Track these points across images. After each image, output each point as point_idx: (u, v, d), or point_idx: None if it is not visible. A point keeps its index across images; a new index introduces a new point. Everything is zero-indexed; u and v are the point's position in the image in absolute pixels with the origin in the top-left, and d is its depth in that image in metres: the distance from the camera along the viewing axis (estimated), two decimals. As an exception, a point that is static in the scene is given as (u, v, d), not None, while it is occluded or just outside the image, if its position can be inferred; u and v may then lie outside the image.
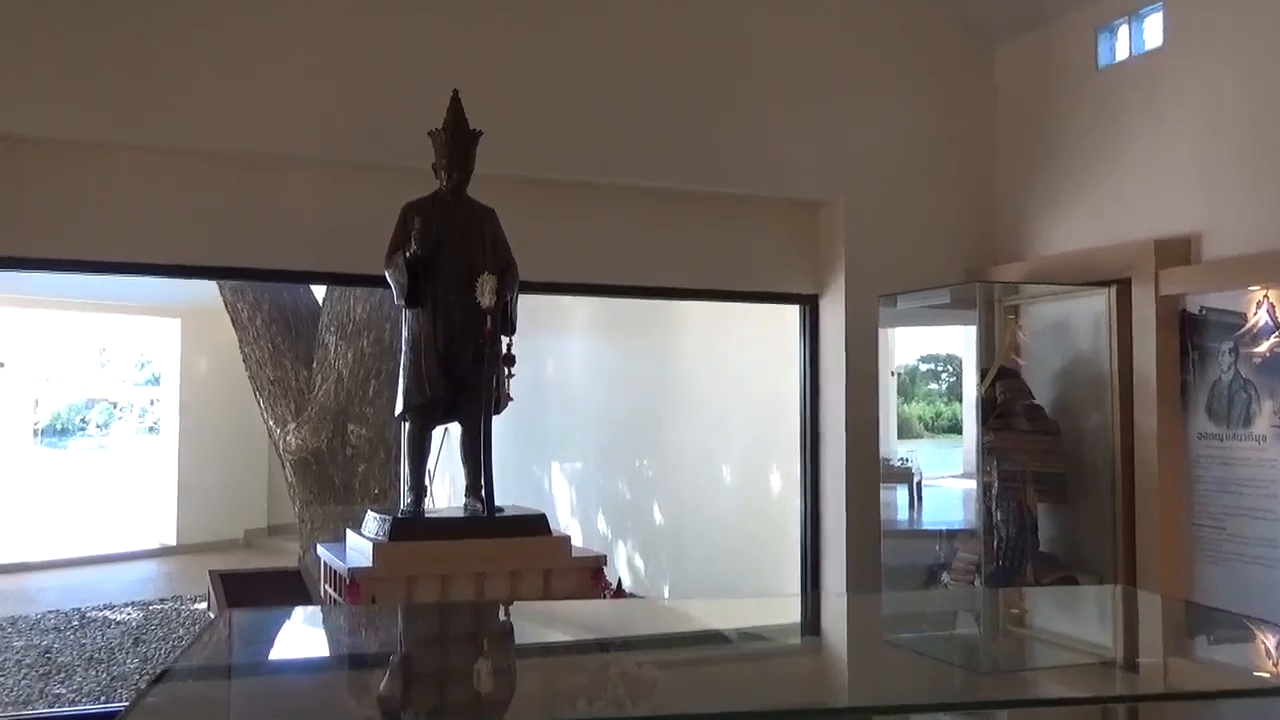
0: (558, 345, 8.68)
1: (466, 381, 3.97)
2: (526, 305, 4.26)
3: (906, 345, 5.63)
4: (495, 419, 4.04)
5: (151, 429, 14.20)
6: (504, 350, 4.00)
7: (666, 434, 7.60)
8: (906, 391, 5.74)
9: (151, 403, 14.34)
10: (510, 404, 4.12)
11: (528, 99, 4.60)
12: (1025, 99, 5.22)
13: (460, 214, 4.02)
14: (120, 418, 15.12)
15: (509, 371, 4.03)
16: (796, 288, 5.30)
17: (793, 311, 5.41)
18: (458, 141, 4.01)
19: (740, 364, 6.63)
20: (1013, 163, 5.28)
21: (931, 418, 5.74)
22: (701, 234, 5.10)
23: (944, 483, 5.42)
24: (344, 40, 4.40)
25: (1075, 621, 2.91)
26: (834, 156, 5.13)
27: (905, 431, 5.68)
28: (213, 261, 4.43)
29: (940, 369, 5.91)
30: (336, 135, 4.33)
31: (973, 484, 4.56)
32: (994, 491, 4.50)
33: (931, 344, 5.85)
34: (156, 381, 13.82)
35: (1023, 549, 4.49)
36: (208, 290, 8.39)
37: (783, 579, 5.72)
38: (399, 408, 4.09)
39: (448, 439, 5.66)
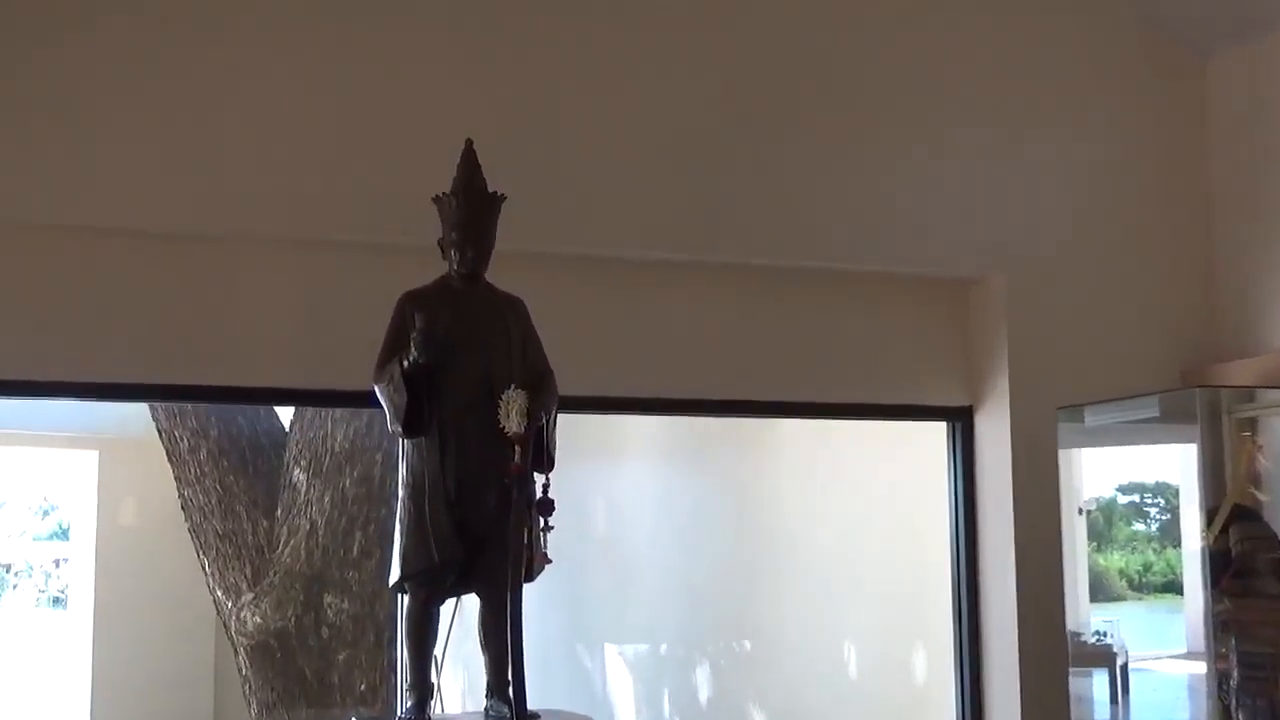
0: (609, 481, 8.67)
1: (487, 538, 3.94)
2: (566, 427, 4.27)
3: (1099, 473, 5.56)
4: (527, 588, 4.01)
5: (57, 600, 14.27)
6: (538, 494, 3.98)
7: (763, 603, 7.54)
8: (1101, 536, 5.65)
9: (57, 564, 14.43)
10: (547, 567, 4.10)
11: (564, 150, 4.69)
12: (1248, 134, 5.23)
13: (477, 307, 4.05)
14: (14, 585, 15.24)
15: (545, 523, 4.00)
16: (940, 398, 5.30)
17: (937, 431, 5.40)
18: (472, 208, 4.03)
19: (863, 503, 6.59)
20: (1237, 220, 5.28)
21: (1138, 572, 5.64)
22: (805, 327, 5.13)
23: (1159, 665, 5.34)
24: (321, 85, 4.53)
25: None
26: (988, 217, 5.15)
27: (1101, 592, 5.59)
28: (144, 378, 4.51)
29: (1147, 504, 5.82)
30: (311, 205, 4.42)
31: (1201, 668, 4.49)
32: (1232, 682, 4.40)
33: (1134, 470, 5.77)
34: (64, 535, 13.92)
35: (1276, 765, 4.38)
36: (134, 414, 8.51)
37: (933, 809, 5.62)
38: (395, 574, 4.06)
39: (461, 616, 5.65)
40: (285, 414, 8.42)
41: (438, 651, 4.33)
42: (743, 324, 5.05)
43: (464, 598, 4.25)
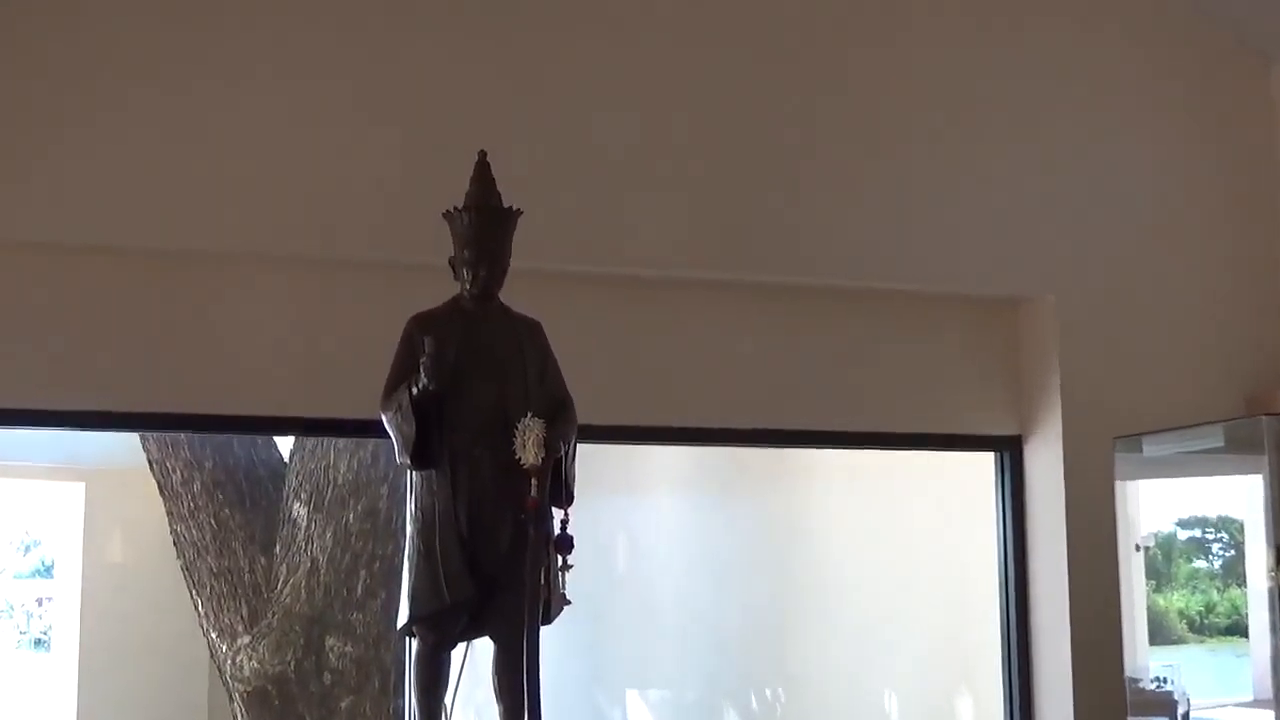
0: (632, 517, 8.66)
1: (501, 578, 3.97)
2: (586, 458, 4.27)
3: (1158, 507, 5.54)
4: (544, 631, 4.01)
5: (39, 642, 14.29)
6: (556, 530, 3.99)
7: (797, 649, 7.53)
8: (1160, 574, 5.62)
9: (40, 603, 14.45)
10: (566, 608, 4.10)
11: (583, 162, 4.72)
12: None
13: (491, 329, 4.07)
14: (-6, 626, 15.30)
15: (564, 561, 4.01)
16: (987, 427, 5.31)
17: (984, 461, 5.40)
18: (485, 224, 4.05)
19: (904, 540, 6.58)
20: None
21: (1199, 613, 5.61)
22: (841, 351, 5.15)
23: (1224, 714, 5.27)
24: (323, 90, 4.56)
25: None
26: (1037, 232, 5.16)
27: (1160, 634, 5.55)
28: (133, 406, 4.53)
29: (1210, 539, 5.79)
30: (313, 220, 4.46)
31: (1269, 717, 4.47)
32: (1306, 734, 4.39)
33: (1196, 503, 5.74)
34: (48, 572, 13.94)
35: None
36: (123, 444, 8.52)
37: None
38: (403, 617, 4.08)
39: (473, 661, 5.64)
40: (285, 444, 8.43)
41: (448, 699, 4.31)
42: (775, 348, 5.06)
43: (476, 642, 4.22)
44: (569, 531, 4.00)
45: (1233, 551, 5.43)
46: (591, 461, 4.50)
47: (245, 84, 4.51)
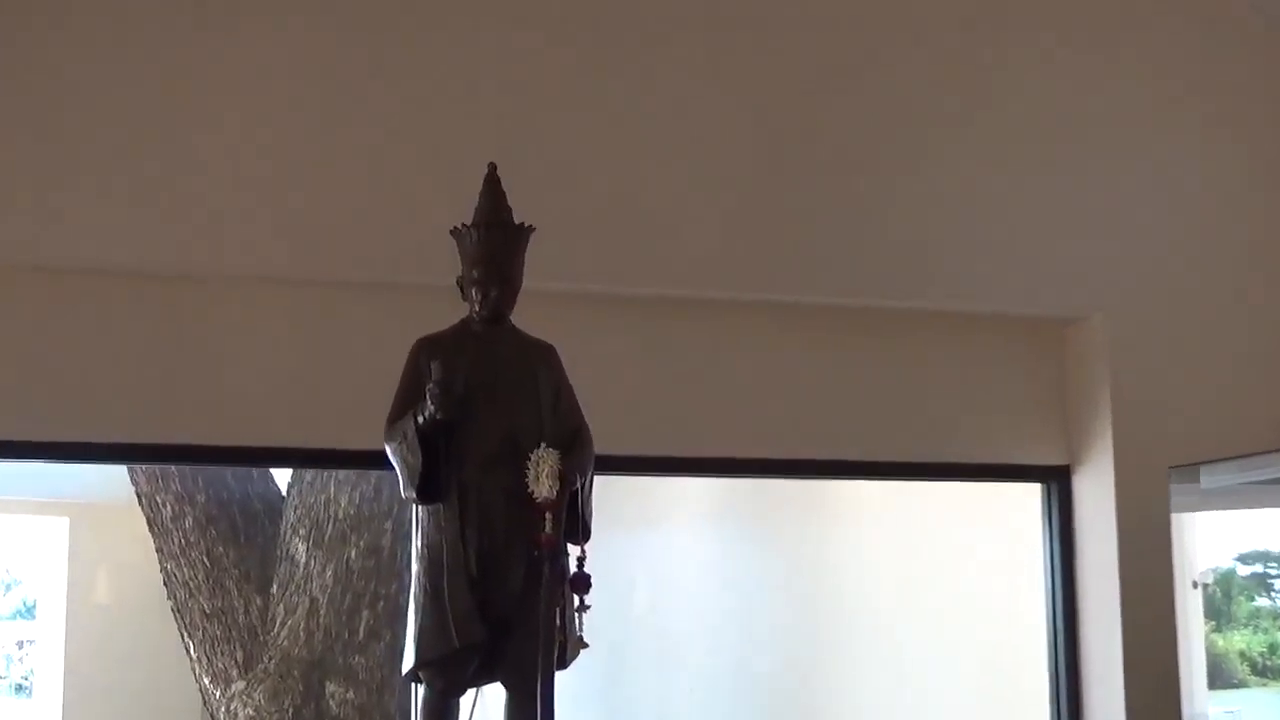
0: (653, 553, 8.66)
1: (514, 620, 3.94)
2: (604, 491, 4.24)
3: (1216, 541, 5.52)
4: (559, 676, 3.98)
5: (20, 688, 14.32)
6: (572, 568, 3.98)
7: (830, 693, 7.51)
8: (1219, 613, 5.60)
9: (21, 646, 14.48)
10: (583, 652, 4.07)
11: (601, 173, 4.72)
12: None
13: (502, 354, 4.05)
14: (-27, 671, 15.32)
15: (580, 602, 3.99)
16: (1033, 456, 5.29)
17: (1030, 492, 5.39)
18: (495, 242, 4.03)
19: (944, 578, 6.55)
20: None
21: (1262, 654, 5.58)
22: (877, 375, 5.13)
23: (1290, 765, 5.28)
24: (321, 101, 4.57)
25: None
26: (1086, 246, 5.14)
27: (1220, 677, 5.53)
28: (121, 436, 4.53)
29: (1273, 575, 5.77)
30: (311, 239, 4.46)
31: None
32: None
33: (1258, 537, 5.72)
34: (29, 613, 13.97)
35: None
36: (110, 476, 8.53)
37: None
38: (408, 661, 4.05)
39: (483, 708, 5.62)
40: (282, 477, 8.44)
41: (457, 749, 4.31)
42: (806, 373, 5.05)
43: (487, 688, 4.22)
44: (586, 570, 3.99)
45: (1297, 590, 5.43)
46: (610, 494, 4.49)
47: (243, 97, 4.52)
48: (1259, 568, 5.73)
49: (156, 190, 4.38)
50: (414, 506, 4.04)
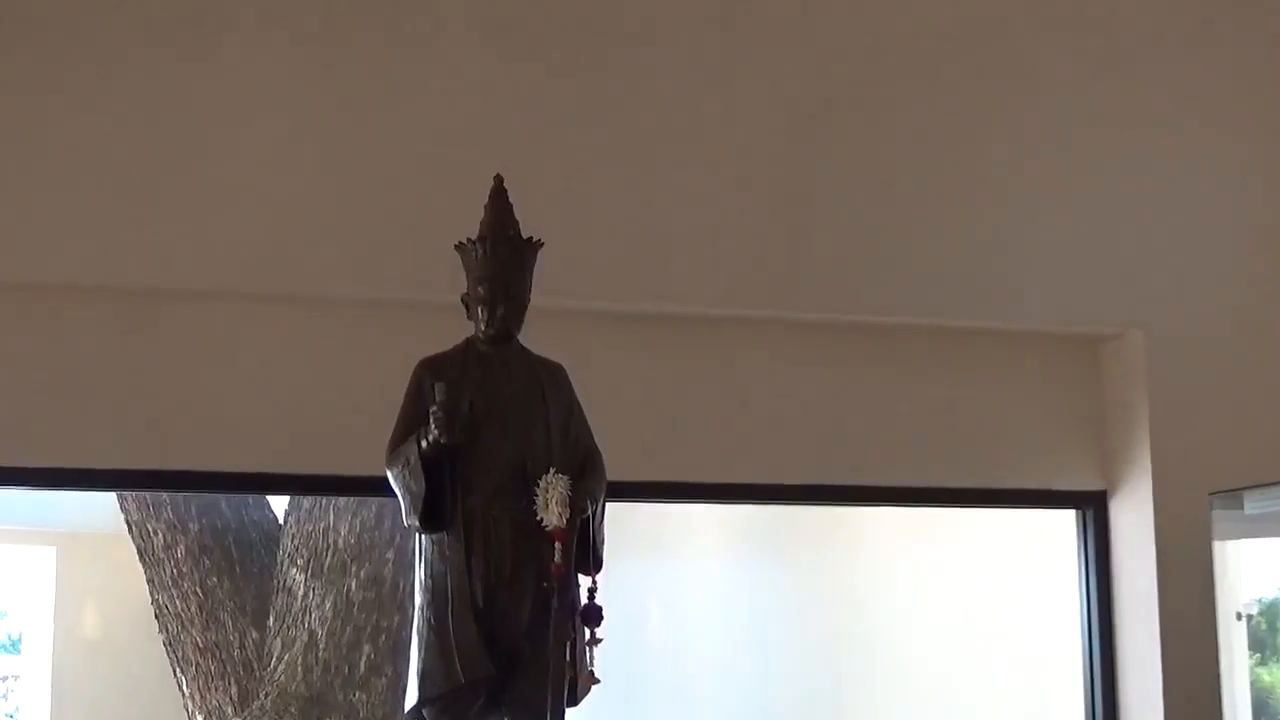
0: (668, 583, 8.64)
1: (522, 654, 3.94)
2: (616, 518, 4.25)
3: (1261, 569, 5.51)
4: (570, 714, 4.00)
5: (7, 726, 14.35)
6: (583, 600, 3.99)
7: (857, 727, 7.49)
8: (1264, 645, 5.59)
9: (5, 681, 14.51)
10: (594, 688, 4.08)
11: (613, 186, 4.72)
12: None
13: (509, 375, 4.05)
14: (-43, 706, 15.34)
15: (591, 635, 4.01)
16: (1068, 481, 5.28)
17: (1064, 518, 5.38)
18: (502, 257, 4.04)
19: (975, 608, 6.55)
20: None
21: (1311, 689, 5.59)
22: (904, 397, 5.13)
23: (1338, 804, 5.25)
24: (320, 111, 4.58)
25: None
26: (1123, 261, 5.14)
27: (1266, 712, 5.51)
28: (111, 462, 4.54)
29: (1322, 607, 5.78)
30: (309, 255, 4.47)
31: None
32: None
33: (1305, 567, 5.73)
34: (14, 647, 13.99)
35: None
36: (99, 504, 8.53)
37: None
38: (411, 698, 4.05)
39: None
40: (279, 504, 8.44)
41: (462, 791, 4.30)
42: (829, 394, 5.05)
43: (494, 725, 4.23)
44: (597, 601, 3.99)
45: (1348, 621, 5.41)
46: (622, 521, 4.49)
47: (235, 107, 4.53)
48: (1307, 599, 5.73)
49: (149, 210, 4.39)
50: (417, 535, 4.04)
